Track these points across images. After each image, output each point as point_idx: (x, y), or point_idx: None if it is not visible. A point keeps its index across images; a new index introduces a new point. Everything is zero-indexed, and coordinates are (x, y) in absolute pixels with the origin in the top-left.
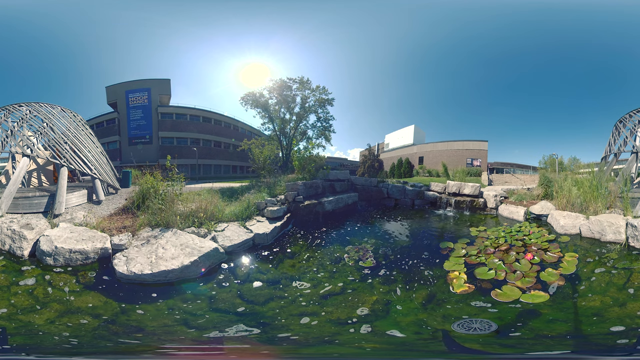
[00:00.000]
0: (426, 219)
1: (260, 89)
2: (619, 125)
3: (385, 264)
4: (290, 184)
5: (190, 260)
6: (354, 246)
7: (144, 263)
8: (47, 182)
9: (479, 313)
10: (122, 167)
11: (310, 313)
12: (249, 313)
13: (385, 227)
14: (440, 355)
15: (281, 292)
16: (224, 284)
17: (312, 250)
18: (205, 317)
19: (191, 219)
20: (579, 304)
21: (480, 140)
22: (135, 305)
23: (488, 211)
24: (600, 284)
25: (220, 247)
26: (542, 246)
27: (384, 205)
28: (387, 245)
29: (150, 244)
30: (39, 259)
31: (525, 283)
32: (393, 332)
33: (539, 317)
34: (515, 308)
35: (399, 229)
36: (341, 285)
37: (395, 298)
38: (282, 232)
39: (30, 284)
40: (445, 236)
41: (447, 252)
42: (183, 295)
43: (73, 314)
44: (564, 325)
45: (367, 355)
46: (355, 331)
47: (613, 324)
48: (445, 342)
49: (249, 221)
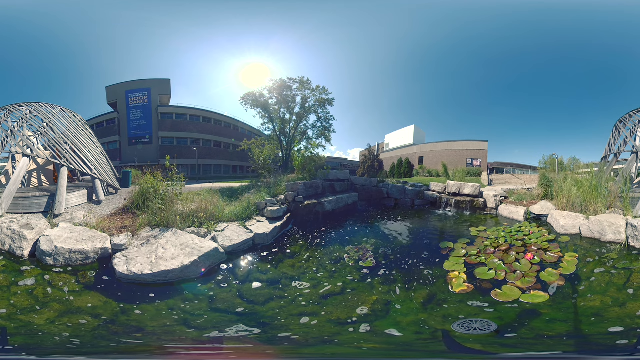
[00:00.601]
0: (426, 219)
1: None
2: (619, 125)
3: (385, 264)
4: (291, 184)
5: (190, 260)
6: (354, 246)
7: (144, 263)
8: (47, 182)
9: (478, 313)
10: (122, 167)
11: (310, 313)
12: (249, 313)
13: (385, 227)
14: (440, 355)
15: (281, 292)
16: (224, 284)
17: (312, 250)
18: (205, 317)
19: (191, 219)
20: (579, 304)
21: (480, 140)
22: (135, 305)
23: (488, 211)
24: (600, 284)
25: (220, 247)
26: (542, 246)
27: (384, 205)
28: (387, 245)
29: (150, 244)
30: (39, 259)
31: (525, 283)
32: (393, 332)
33: (539, 317)
34: (515, 308)
35: (399, 229)
36: (341, 285)
37: (395, 298)
38: (282, 232)
39: (30, 284)
40: (445, 236)
41: (447, 252)
42: (183, 295)
43: (73, 314)
44: (563, 325)
45: (367, 355)
46: (354, 331)
47: (613, 324)
48: (446, 342)
49: (249, 221)
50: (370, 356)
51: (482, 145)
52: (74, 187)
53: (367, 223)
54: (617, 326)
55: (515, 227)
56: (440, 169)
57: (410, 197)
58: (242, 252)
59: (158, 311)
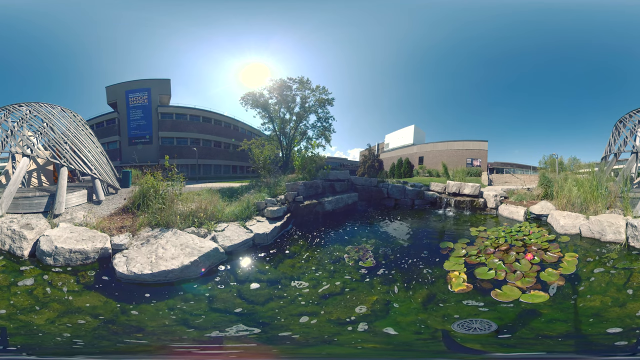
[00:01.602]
0: (426, 219)
1: (260, 89)
2: (619, 125)
3: (385, 264)
4: (291, 184)
5: (190, 260)
6: (353, 246)
7: (144, 263)
8: (47, 182)
9: (479, 313)
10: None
11: (309, 313)
12: (249, 313)
13: (385, 227)
14: (440, 355)
15: (280, 292)
16: (223, 284)
17: (312, 250)
18: (204, 317)
19: (191, 218)
20: (579, 304)
21: (480, 141)
22: (135, 305)
23: (488, 211)
24: (600, 284)
25: (220, 247)
26: (542, 246)
27: (384, 205)
28: (387, 245)
29: (150, 243)
30: (39, 259)
31: (525, 283)
32: (391, 331)
33: (539, 317)
34: (515, 308)
35: (399, 229)
36: (340, 285)
37: (393, 297)
38: (282, 232)
39: (30, 284)
40: (445, 236)
41: (447, 252)
42: (183, 295)
43: (73, 314)
44: (563, 325)
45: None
46: (353, 330)
47: (613, 324)
48: (445, 342)
49: (249, 221)
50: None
51: (482, 145)
52: (74, 187)
53: (367, 223)
54: (617, 326)
55: (515, 227)
56: (440, 169)
57: (411, 197)
58: (242, 252)
59: (158, 311)
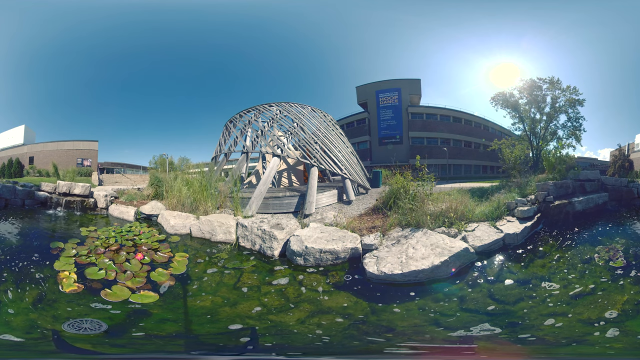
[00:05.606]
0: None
1: (510, 89)
2: (229, 125)
3: (636, 264)
4: (541, 183)
5: (440, 260)
6: (604, 246)
7: (394, 263)
8: (297, 182)
9: (90, 313)
10: (373, 167)
11: (559, 313)
12: (499, 313)
13: (635, 228)
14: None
15: (530, 291)
16: (473, 283)
17: (562, 250)
18: (456, 317)
19: (441, 219)
20: (191, 303)
21: (90, 140)
22: (385, 305)
23: (99, 211)
24: (211, 283)
25: (470, 247)
26: (152, 246)
27: (635, 206)
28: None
29: (401, 244)
30: (289, 258)
31: (135, 283)
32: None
33: (150, 317)
34: (126, 308)
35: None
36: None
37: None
38: (532, 232)
39: (283, 284)
40: (56, 236)
41: (58, 252)
42: (434, 295)
43: (323, 314)
44: (174, 325)
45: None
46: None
47: (225, 324)
48: (55, 343)
49: (499, 221)
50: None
51: (93, 145)
52: (324, 187)
53: (617, 223)
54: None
55: (125, 227)
56: (51, 169)
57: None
58: (492, 252)
59: (408, 311)
